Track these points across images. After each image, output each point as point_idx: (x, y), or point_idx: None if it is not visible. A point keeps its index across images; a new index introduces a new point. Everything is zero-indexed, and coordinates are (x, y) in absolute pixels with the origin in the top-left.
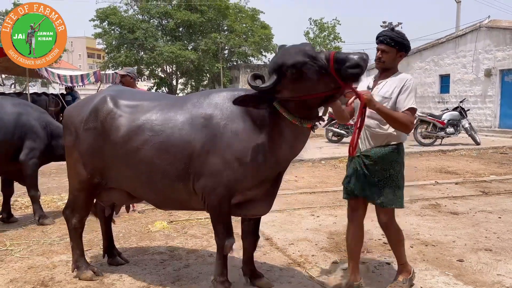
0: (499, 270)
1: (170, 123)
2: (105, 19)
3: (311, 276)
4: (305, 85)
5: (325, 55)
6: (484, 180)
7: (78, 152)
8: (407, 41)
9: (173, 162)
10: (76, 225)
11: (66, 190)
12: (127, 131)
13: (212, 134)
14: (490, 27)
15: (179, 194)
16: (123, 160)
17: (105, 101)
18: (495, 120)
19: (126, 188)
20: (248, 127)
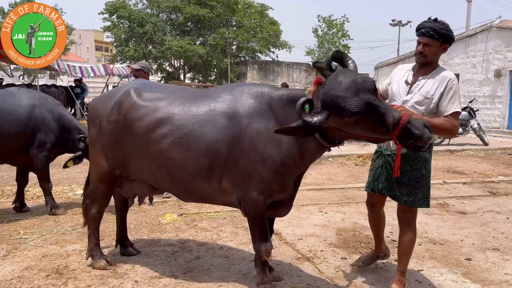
0: (506, 269)
1: (191, 118)
2: (114, 13)
3: (320, 271)
4: (357, 129)
5: (394, 117)
6: (492, 180)
7: (100, 145)
8: (451, 32)
9: (193, 158)
10: (95, 215)
11: (77, 181)
12: (149, 123)
13: (235, 133)
14: (501, 27)
15: (200, 189)
16: (144, 152)
17: (128, 94)
18: (504, 121)
19: (147, 180)
20: (272, 127)
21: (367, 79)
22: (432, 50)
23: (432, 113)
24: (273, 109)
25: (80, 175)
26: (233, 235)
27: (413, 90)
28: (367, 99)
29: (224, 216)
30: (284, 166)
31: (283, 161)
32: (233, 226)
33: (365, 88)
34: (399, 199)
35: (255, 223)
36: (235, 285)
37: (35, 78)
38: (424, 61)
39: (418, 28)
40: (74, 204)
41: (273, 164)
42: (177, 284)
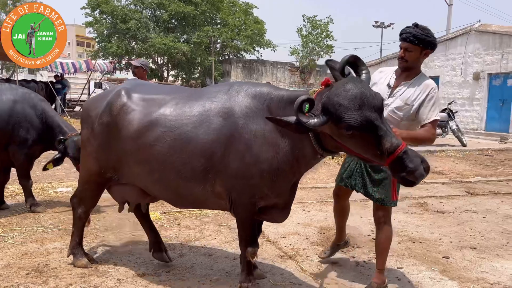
0: (483, 267)
1: (185, 120)
2: (96, 8)
3: (302, 269)
4: (350, 143)
5: (392, 144)
6: (470, 181)
7: (91, 146)
8: (432, 38)
9: (187, 161)
10: (81, 215)
11: (57, 179)
12: (139, 126)
13: (231, 133)
14: (480, 31)
15: (194, 194)
16: (135, 156)
17: (119, 95)
18: (482, 123)
19: (138, 185)
20: (270, 129)
21: (376, 95)
22: (412, 55)
23: (411, 119)
24: (272, 110)
25: (60, 172)
26: (216, 234)
27: (394, 94)
28: (369, 117)
29: (207, 215)
30: (279, 170)
31: (278, 165)
32: (216, 224)
33: (371, 104)
34: (372, 196)
35: (244, 225)
36: (218, 283)
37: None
38: (405, 65)
39: (401, 34)
40: (54, 201)
41: (268, 167)
42: (159, 282)
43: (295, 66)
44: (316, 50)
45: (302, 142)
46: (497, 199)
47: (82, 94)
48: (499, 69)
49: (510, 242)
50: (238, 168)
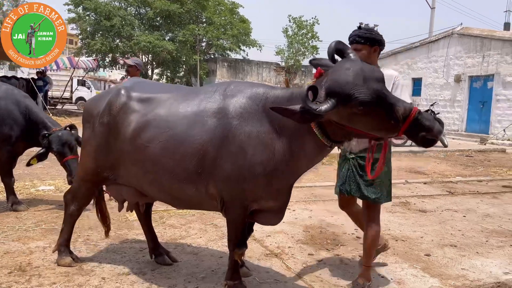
0: (463, 264)
1: (179, 120)
2: (79, 4)
3: (288, 267)
4: (362, 122)
5: (405, 108)
6: (451, 180)
7: (91, 146)
8: (376, 35)
9: (180, 163)
10: (74, 212)
11: (39, 177)
12: (136, 127)
13: (224, 134)
14: (462, 34)
15: (189, 195)
16: (131, 157)
17: (119, 95)
18: (462, 124)
19: (134, 185)
20: (265, 130)
21: (375, 68)
22: (363, 54)
23: None
24: (268, 111)
25: (42, 171)
26: (202, 232)
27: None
28: (376, 88)
29: (192, 214)
30: (276, 172)
31: (275, 167)
32: (202, 223)
33: (374, 77)
34: (367, 197)
35: (234, 227)
36: (204, 281)
37: None
38: None
39: (348, 39)
40: (36, 200)
41: (262, 170)
42: (145, 280)
43: (280, 66)
44: (301, 51)
45: (303, 138)
46: (477, 199)
47: (65, 92)
48: (479, 71)
49: (490, 240)
50: (230, 171)
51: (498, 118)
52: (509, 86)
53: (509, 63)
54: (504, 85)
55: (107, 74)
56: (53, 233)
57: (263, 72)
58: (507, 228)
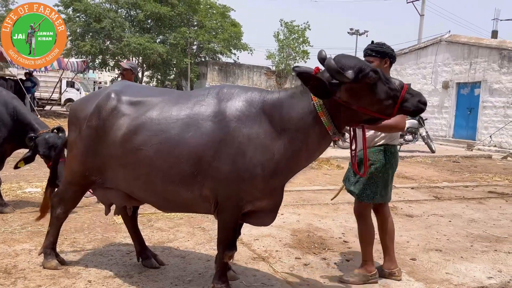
0: (448, 269)
1: (172, 123)
2: (69, 5)
3: (275, 270)
4: (368, 98)
5: (399, 83)
6: (437, 186)
7: (77, 149)
8: (387, 48)
9: (174, 165)
10: (60, 215)
11: (25, 179)
12: (127, 131)
13: (221, 137)
14: (450, 41)
15: (182, 198)
16: (121, 160)
17: (108, 98)
18: (450, 130)
19: (123, 189)
20: (265, 131)
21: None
22: (376, 66)
23: None
24: (267, 113)
25: (29, 173)
26: (189, 236)
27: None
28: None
29: (180, 217)
30: (276, 171)
31: (275, 166)
32: (190, 226)
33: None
34: (352, 192)
35: (226, 228)
36: (191, 284)
37: None
38: None
39: (363, 51)
40: (23, 202)
41: (261, 171)
42: (131, 283)
43: (271, 70)
44: (292, 55)
45: (307, 131)
46: (463, 204)
47: (53, 93)
48: (467, 78)
49: (474, 245)
50: (229, 172)
51: (485, 124)
52: (496, 93)
53: (496, 70)
54: (490, 92)
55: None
56: (39, 235)
57: (254, 76)
58: (491, 233)
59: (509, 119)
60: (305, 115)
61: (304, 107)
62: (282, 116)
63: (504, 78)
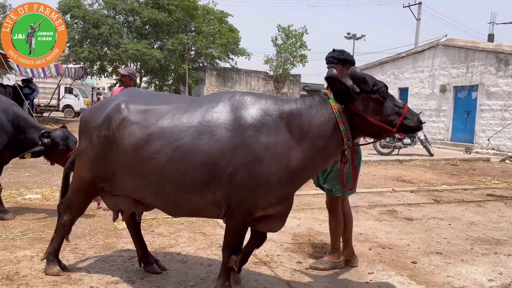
0: (448, 271)
1: (184, 131)
2: (68, 12)
3: (276, 275)
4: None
5: (402, 102)
6: (437, 189)
7: (87, 157)
8: (348, 55)
9: (187, 172)
10: (67, 222)
11: (25, 185)
12: (138, 140)
13: (237, 144)
14: (446, 45)
15: (193, 204)
16: (132, 169)
17: (118, 109)
18: (448, 134)
19: (134, 197)
20: (282, 140)
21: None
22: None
23: None
24: (285, 121)
25: (29, 179)
26: (191, 241)
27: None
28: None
29: (181, 222)
30: (292, 178)
31: (292, 174)
32: (191, 231)
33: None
34: (323, 187)
35: (235, 233)
36: None
37: None
38: None
39: (325, 59)
40: (23, 208)
41: (278, 179)
42: None
43: (269, 75)
44: (290, 60)
45: (327, 139)
46: (462, 207)
47: (52, 99)
48: (464, 82)
49: (474, 247)
50: (245, 179)
51: (482, 127)
52: (493, 96)
53: (493, 74)
54: (488, 95)
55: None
56: (40, 242)
57: (252, 81)
58: (491, 236)
59: (506, 122)
60: (325, 123)
61: (324, 116)
62: (301, 124)
63: (501, 81)
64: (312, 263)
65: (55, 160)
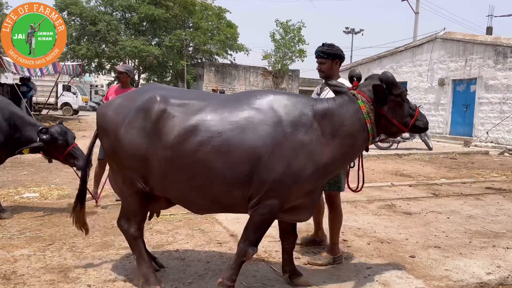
0: (447, 265)
1: (229, 125)
2: (64, 9)
3: (274, 270)
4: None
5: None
6: (435, 183)
7: (119, 156)
8: (337, 50)
9: (233, 166)
10: (135, 233)
11: (23, 184)
12: (182, 133)
13: (277, 140)
14: (445, 38)
15: (232, 199)
16: (173, 164)
17: (155, 101)
18: (447, 127)
19: (171, 194)
20: (316, 137)
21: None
22: (326, 67)
23: None
24: (318, 120)
25: (27, 178)
26: (189, 238)
27: (321, 96)
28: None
29: (180, 219)
30: (325, 172)
31: (324, 170)
32: (189, 228)
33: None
34: None
35: (261, 227)
36: (191, 286)
37: None
38: (323, 75)
39: (315, 53)
40: (20, 207)
41: (312, 174)
42: (132, 286)
43: (268, 70)
44: (288, 55)
45: (356, 136)
46: (461, 200)
47: (50, 97)
48: (462, 75)
49: (473, 241)
50: (282, 174)
51: (481, 121)
52: (492, 90)
53: (491, 67)
54: (486, 88)
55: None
56: (37, 240)
57: (251, 76)
58: (489, 229)
59: (505, 115)
60: (355, 122)
61: (354, 115)
62: (333, 123)
63: (500, 74)
64: (310, 259)
65: (54, 156)
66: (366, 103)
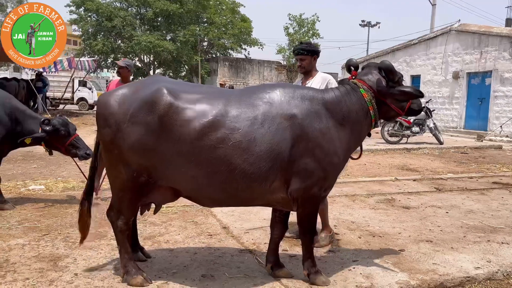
0: (435, 259)
1: (245, 120)
2: (81, 5)
3: (259, 262)
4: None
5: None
6: (441, 177)
7: (119, 148)
8: (313, 47)
9: (254, 162)
10: (122, 227)
11: (31, 177)
12: (198, 128)
13: (297, 134)
14: (459, 30)
15: (253, 192)
16: (190, 158)
17: (162, 93)
18: (461, 121)
19: (184, 187)
20: (331, 125)
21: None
22: (306, 62)
23: None
24: (329, 109)
25: (36, 171)
26: (181, 229)
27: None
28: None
29: (175, 211)
30: (345, 158)
31: (345, 154)
32: (183, 220)
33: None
34: None
35: (310, 217)
36: (175, 276)
37: None
38: (304, 71)
39: (293, 51)
40: (24, 199)
41: (337, 159)
42: (116, 276)
43: (282, 65)
44: None
45: (362, 123)
46: (463, 195)
47: (65, 92)
48: (477, 68)
49: (467, 235)
50: (309, 164)
51: (496, 114)
52: (507, 83)
53: (507, 59)
54: (502, 81)
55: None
56: (34, 231)
57: (265, 71)
58: (487, 224)
59: None
60: (359, 109)
61: (358, 102)
62: (342, 111)
63: None
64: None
65: (56, 147)
66: (367, 91)
